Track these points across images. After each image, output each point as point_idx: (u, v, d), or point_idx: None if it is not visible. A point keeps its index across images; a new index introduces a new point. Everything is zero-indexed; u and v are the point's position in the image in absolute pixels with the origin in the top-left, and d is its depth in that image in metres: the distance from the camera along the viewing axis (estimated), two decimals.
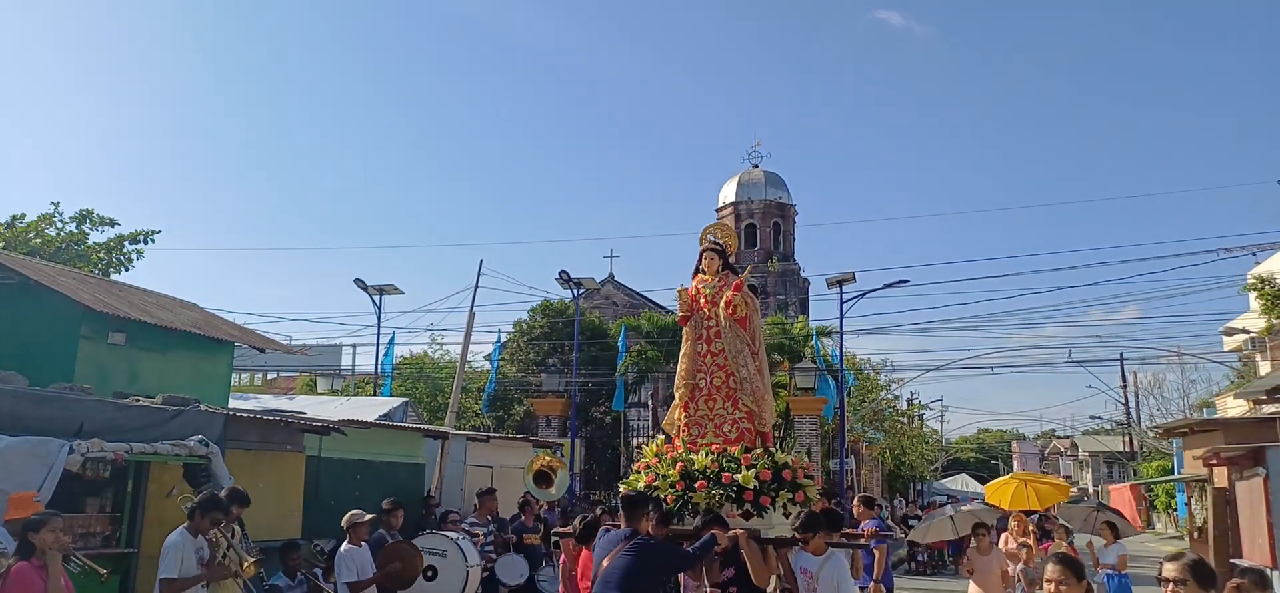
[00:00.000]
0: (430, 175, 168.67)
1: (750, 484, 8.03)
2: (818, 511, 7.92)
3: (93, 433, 8.50)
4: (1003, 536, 12.73)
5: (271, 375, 40.47)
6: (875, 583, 10.58)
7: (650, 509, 7.26)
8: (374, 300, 27.92)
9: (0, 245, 20.07)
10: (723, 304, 8.92)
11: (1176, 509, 39.55)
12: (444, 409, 27.68)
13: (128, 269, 23.20)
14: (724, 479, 8.07)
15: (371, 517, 9.98)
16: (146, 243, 23.50)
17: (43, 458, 7.80)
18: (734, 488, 8.04)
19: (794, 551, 7.35)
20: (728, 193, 51.76)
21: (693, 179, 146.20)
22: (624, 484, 8.84)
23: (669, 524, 7.57)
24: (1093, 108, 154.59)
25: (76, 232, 22.60)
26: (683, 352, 9.26)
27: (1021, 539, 12.67)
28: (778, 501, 8.16)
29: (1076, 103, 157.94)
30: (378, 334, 28.38)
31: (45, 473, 7.71)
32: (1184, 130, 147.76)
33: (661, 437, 9.34)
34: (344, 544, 9.60)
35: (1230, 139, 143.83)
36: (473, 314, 25.62)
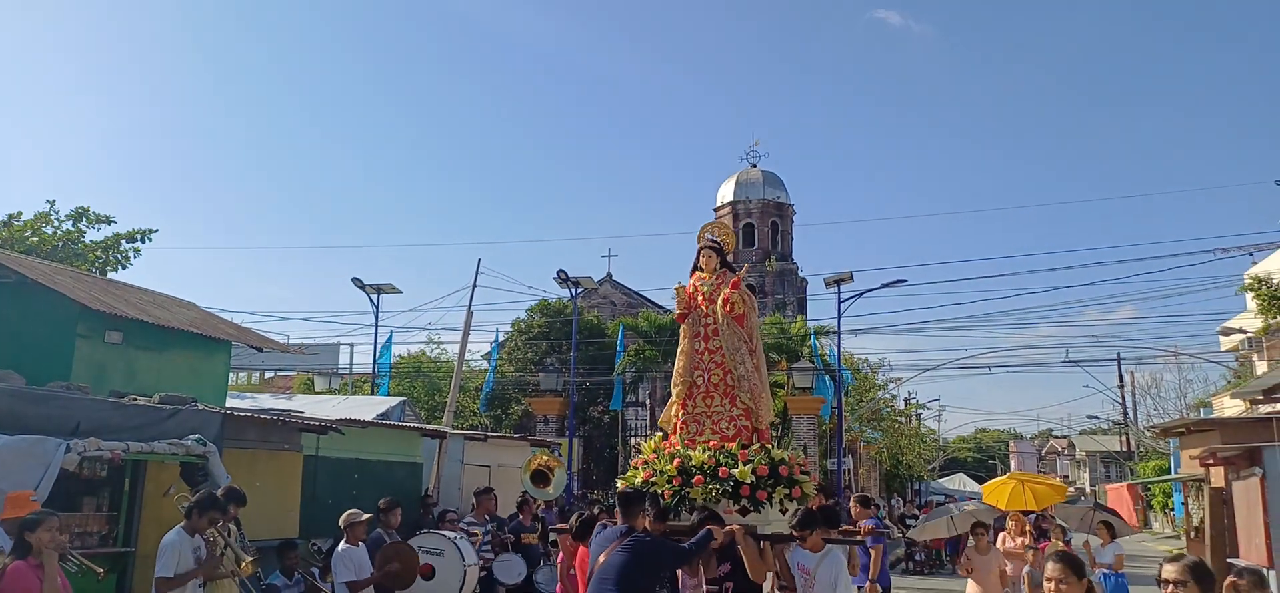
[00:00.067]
0: (428, 175, 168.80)
1: (747, 479, 8.03)
2: (815, 507, 7.93)
3: (90, 432, 8.49)
4: (1001, 535, 12.72)
5: (269, 374, 40.40)
6: (871, 583, 10.58)
7: (647, 506, 7.28)
8: (372, 299, 27.92)
9: None
10: (720, 302, 8.93)
11: (1173, 509, 39.58)
12: (442, 408, 27.65)
13: (125, 268, 23.18)
14: (721, 474, 8.07)
15: (369, 516, 9.97)
16: (144, 241, 23.46)
17: (39, 457, 7.79)
18: (731, 483, 8.03)
19: (791, 547, 7.36)
20: (726, 192, 51.70)
21: (691, 178, 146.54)
22: (622, 480, 8.84)
23: (666, 520, 7.59)
24: (1090, 108, 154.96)
25: (73, 230, 22.57)
26: (680, 348, 9.26)
27: (1020, 537, 12.65)
28: (774, 496, 8.16)
29: (1074, 103, 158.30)
30: (375, 333, 28.40)
31: (42, 472, 7.70)
32: (1181, 130, 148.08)
33: (659, 433, 9.33)
34: (341, 544, 9.60)
35: (1227, 139, 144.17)
36: (470, 313, 25.61)
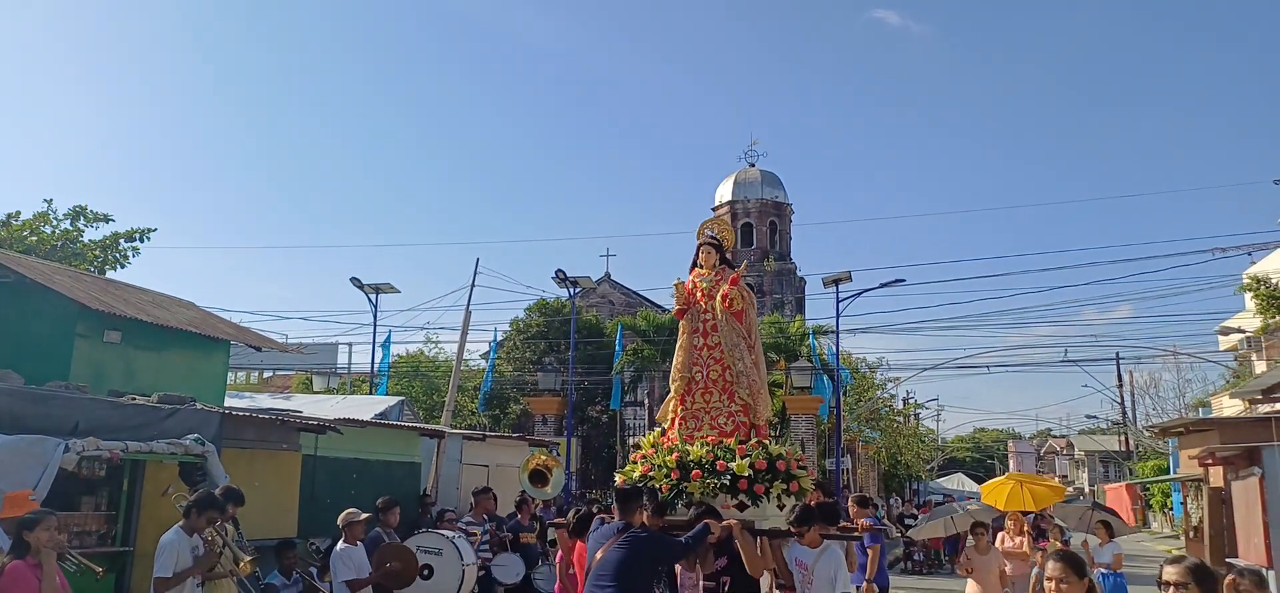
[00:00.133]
0: (427, 174, 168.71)
1: (744, 472, 8.03)
2: (812, 503, 7.93)
3: (88, 431, 8.50)
4: (999, 535, 12.71)
5: (268, 374, 40.42)
6: (868, 583, 10.58)
7: (644, 502, 7.30)
8: (370, 299, 27.91)
9: None
10: (719, 297, 8.92)
11: (1172, 509, 39.61)
12: (440, 408, 27.65)
13: (123, 267, 23.21)
14: (718, 467, 8.08)
15: (367, 516, 9.97)
16: (142, 241, 23.49)
17: (38, 457, 7.79)
18: (728, 477, 8.04)
19: (788, 544, 7.36)
20: (724, 192, 51.75)
21: (689, 178, 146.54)
22: (620, 474, 8.85)
23: (664, 515, 7.60)
24: (1089, 108, 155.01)
25: (71, 229, 22.57)
26: (679, 344, 9.26)
27: (1018, 537, 12.64)
28: (772, 491, 8.15)
29: (1073, 103, 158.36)
30: (374, 333, 28.37)
31: (41, 472, 7.70)
32: (1180, 130, 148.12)
33: (658, 429, 9.33)
34: (340, 543, 9.60)
35: (1226, 139, 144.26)
36: (469, 313, 25.63)
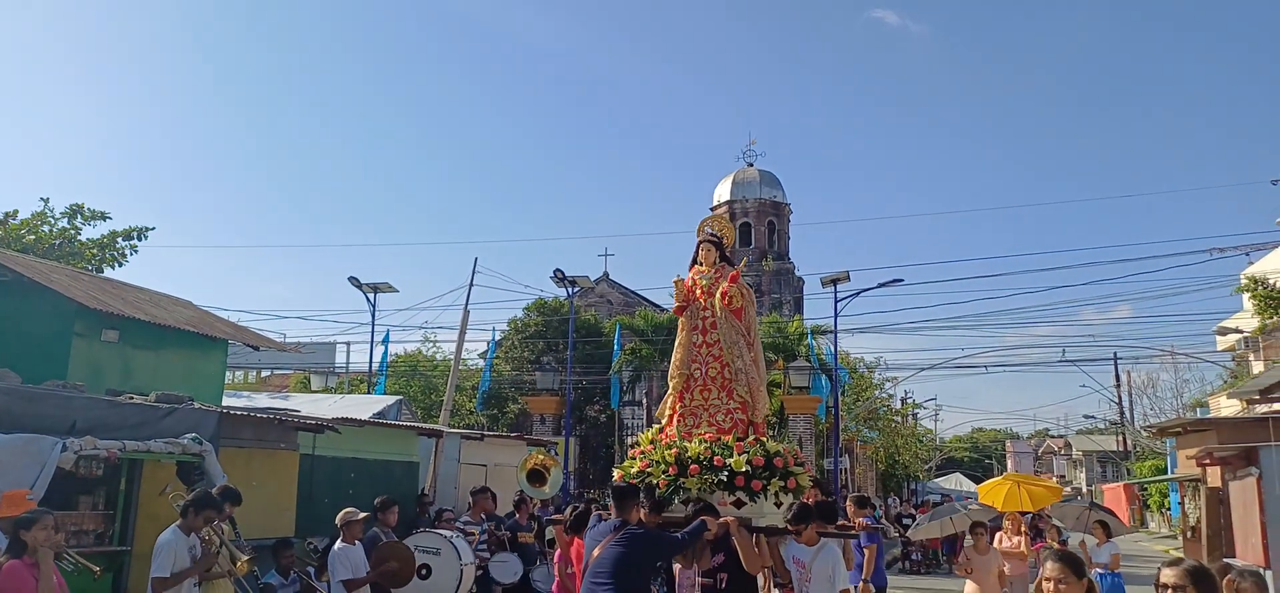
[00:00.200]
0: (426, 173, 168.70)
1: (742, 469, 8.03)
2: (810, 501, 7.93)
3: (86, 430, 8.49)
4: (997, 535, 12.72)
5: (265, 373, 40.40)
6: (865, 583, 10.57)
7: (641, 499, 7.30)
8: (368, 298, 27.90)
9: None
10: (718, 295, 8.92)
11: (1170, 509, 39.65)
12: (438, 407, 27.66)
13: (121, 265, 23.21)
14: (716, 464, 8.08)
15: (366, 515, 9.95)
16: (140, 239, 23.49)
17: (35, 456, 7.78)
18: (726, 473, 8.04)
19: (785, 541, 7.36)
20: (723, 191, 51.75)
21: (688, 177, 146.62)
22: (618, 470, 8.84)
23: (662, 512, 7.60)
24: (1087, 107, 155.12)
25: (68, 227, 22.55)
26: (678, 342, 9.25)
27: (1016, 537, 12.65)
28: (769, 488, 8.15)
29: (1071, 102, 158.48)
30: (372, 332, 28.36)
31: (38, 471, 7.69)
32: (1178, 130, 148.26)
33: (656, 425, 9.33)
34: (338, 543, 9.58)
35: (1224, 139, 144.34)
36: (467, 312, 25.66)
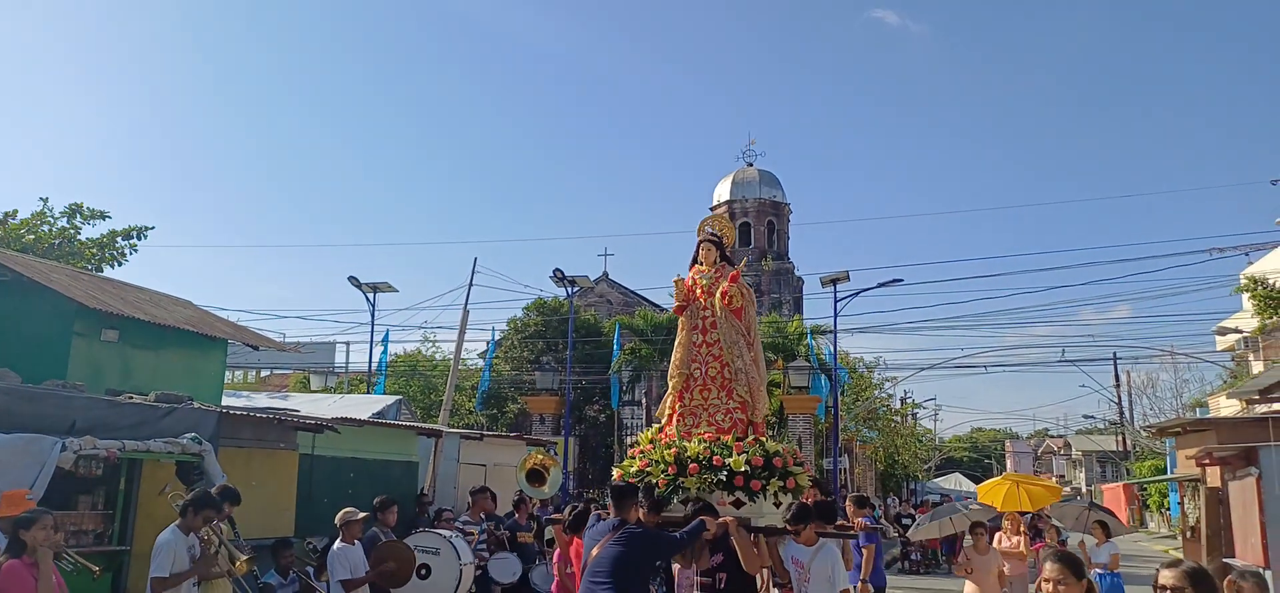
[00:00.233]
0: (425, 173, 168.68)
1: (741, 468, 8.03)
2: (809, 501, 7.92)
3: (85, 430, 8.48)
4: (996, 535, 12.73)
5: (265, 373, 40.39)
6: (863, 583, 10.58)
7: (640, 498, 7.30)
8: (368, 298, 27.91)
9: None
10: (718, 295, 8.91)
11: (1170, 509, 39.66)
12: (437, 407, 27.67)
13: (121, 264, 23.20)
14: (715, 463, 8.08)
15: (365, 515, 9.95)
16: (140, 239, 23.47)
17: (35, 455, 7.78)
18: (725, 473, 8.04)
19: (784, 542, 7.36)
20: (722, 191, 51.75)
21: (687, 178, 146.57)
22: (618, 469, 8.84)
23: (661, 511, 7.60)
24: (1086, 107, 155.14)
25: (67, 226, 22.54)
26: (678, 341, 9.25)
27: (1015, 537, 12.66)
28: (768, 488, 8.15)
29: (1070, 102, 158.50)
30: (371, 332, 28.36)
31: (38, 470, 7.69)
32: (1177, 130, 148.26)
33: (656, 425, 9.33)
34: (337, 542, 9.57)
35: (1223, 139, 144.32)
36: (467, 312, 25.67)
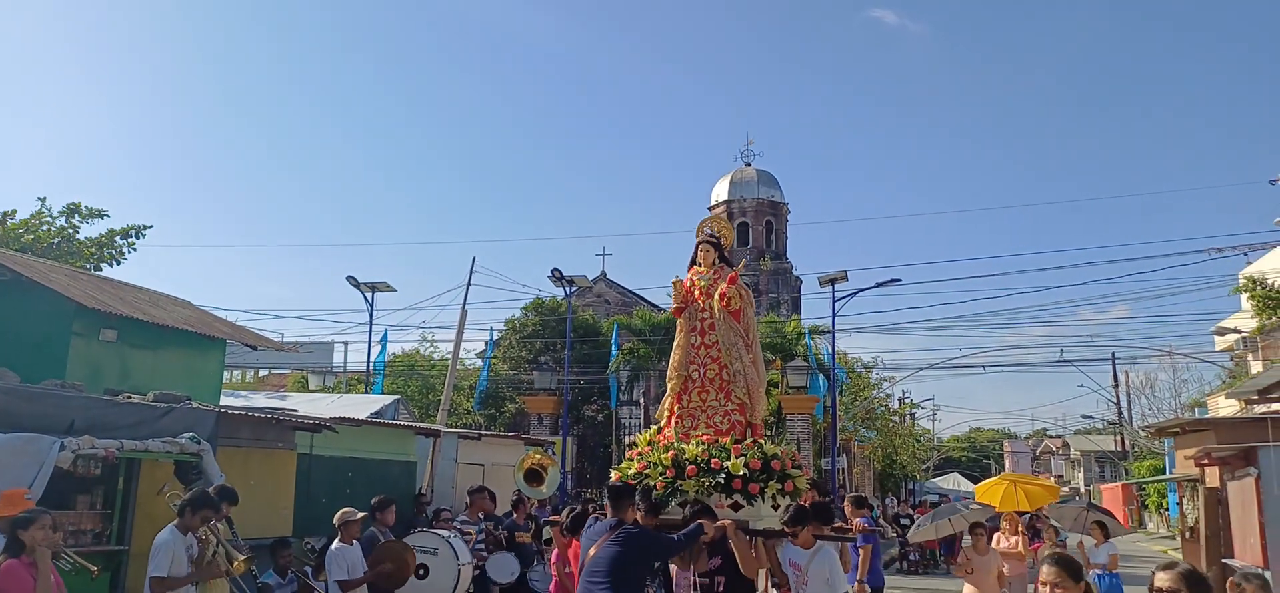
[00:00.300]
0: (424, 172, 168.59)
1: (739, 471, 8.03)
2: (806, 503, 7.92)
3: (84, 430, 8.48)
4: (995, 535, 12.75)
5: (263, 373, 40.37)
6: (860, 583, 10.59)
7: (637, 499, 7.29)
8: (366, 297, 27.91)
9: None
10: (717, 296, 8.92)
11: (1168, 509, 39.69)
12: (436, 407, 27.66)
13: (119, 263, 23.19)
14: (713, 466, 8.08)
15: (363, 515, 9.96)
16: (138, 238, 23.45)
17: (34, 455, 7.77)
18: (723, 475, 8.05)
19: (782, 544, 7.36)
20: (720, 191, 51.80)
21: (686, 177, 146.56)
22: (615, 471, 8.85)
23: (659, 513, 7.59)
24: (1085, 107, 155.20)
25: (66, 225, 22.53)
26: (676, 343, 9.25)
27: (1013, 537, 12.68)
28: (767, 491, 8.15)
29: (1069, 102, 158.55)
30: (370, 332, 28.38)
31: (36, 470, 7.68)
32: (1176, 130, 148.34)
33: (654, 426, 9.34)
34: (335, 542, 9.58)
35: (1222, 139, 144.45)
36: (465, 312, 25.68)
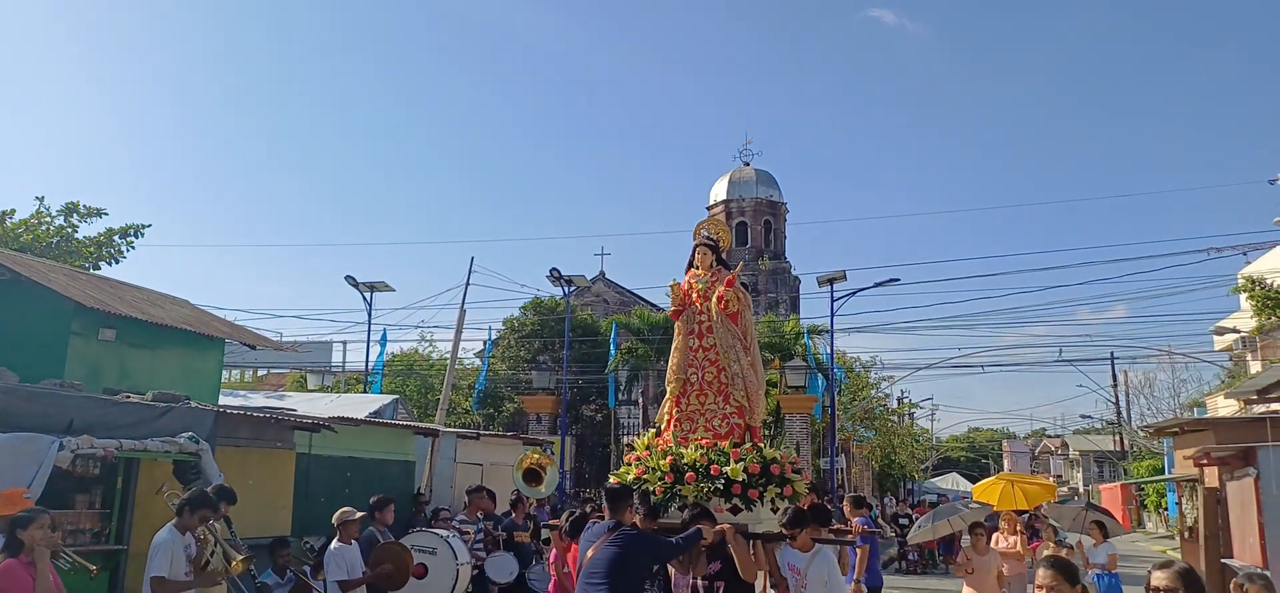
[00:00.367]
0: (422, 172, 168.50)
1: (738, 477, 8.03)
2: (805, 506, 7.92)
3: (83, 429, 8.47)
4: (994, 535, 12.76)
5: (262, 372, 40.36)
6: (856, 583, 10.61)
7: (635, 502, 7.29)
8: (365, 297, 27.89)
9: None
10: (714, 299, 8.91)
11: (1167, 509, 39.70)
12: (434, 406, 27.65)
13: (118, 262, 23.16)
14: (712, 472, 8.07)
15: (362, 514, 9.95)
16: (137, 237, 23.43)
17: (33, 454, 7.77)
18: (722, 480, 8.04)
19: (781, 547, 7.36)
20: (719, 190, 51.81)
21: (684, 177, 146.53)
22: (614, 476, 8.84)
23: (657, 517, 7.59)
24: (1084, 107, 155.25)
25: (64, 224, 22.51)
26: (675, 346, 9.25)
27: (1012, 537, 12.69)
28: (766, 495, 8.16)
29: (1068, 102, 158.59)
30: (368, 331, 28.35)
31: (35, 469, 7.68)
32: (1175, 130, 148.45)
33: (653, 430, 9.33)
34: (334, 542, 9.57)
35: (1221, 139, 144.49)
36: (463, 311, 25.66)
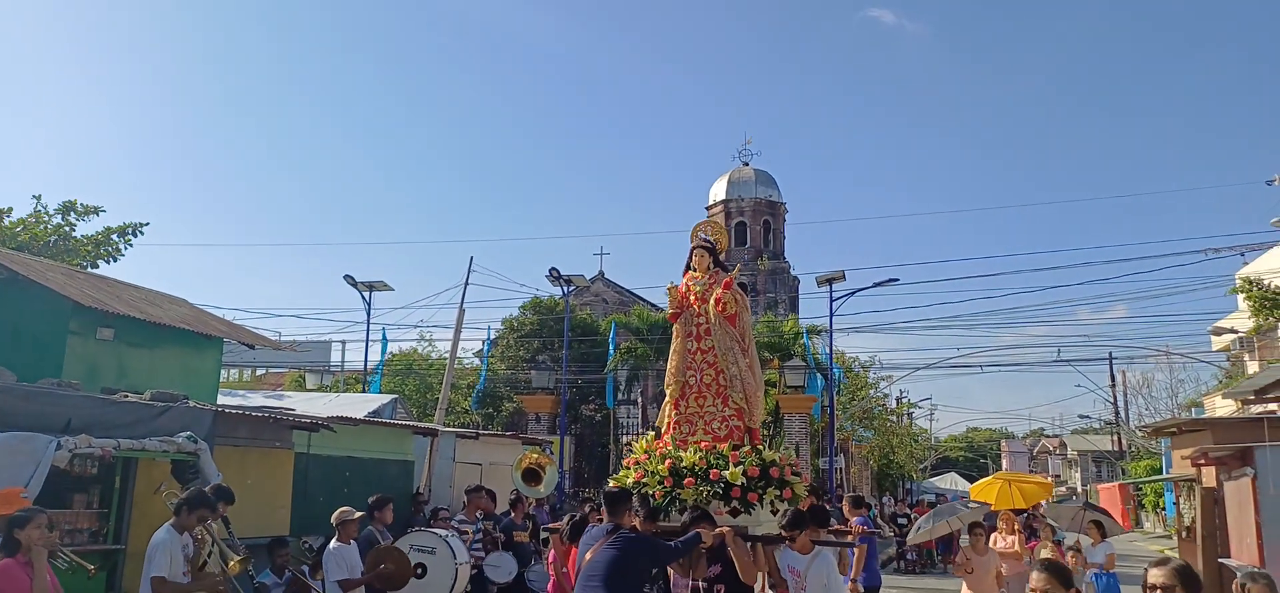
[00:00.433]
0: (422, 171, 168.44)
1: (737, 480, 8.03)
2: (804, 508, 7.92)
3: (81, 429, 8.47)
4: (992, 535, 12.77)
5: (260, 371, 40.35)
6: (854, 582, 10.63)
7: (634, 505, 7.28)
8: (364, 297, 27.92)
9: None
10: (712, 301, 8.91)
11: (1165, 509, 39.72)
12: (433, 406, 27.66)
13: (116, 261, 23.14)
14: (712, 476, 8.08)
15: (361, 514, 9.95)
16: (135, 235, 23.41)
17: (30, 454, 7.77)
18: (721, 484, 8.05)
19: (780, 549, 7.35)
20: (718, 190, 51.83)
21: (684, 177, 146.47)
22: (613, 480, 8.84)
23: (657, 521, 7.58)
24: (1083, 107, 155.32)
25: (62, 223, 22.49)
26: (673, 348, 9.25)
27: (1010, 536, 12.69)
28: (765, 497, 8.16)
29: (1067, 102, 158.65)
30: (367, 331, 28.38)
31: (33, 469, 7.68)
32: (1174, 130, 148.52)
33: (652, 433, 9.33)
34: (333, 542, 9.56)
35: (1219, 140, 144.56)
36: (462, 311, 25.69)
